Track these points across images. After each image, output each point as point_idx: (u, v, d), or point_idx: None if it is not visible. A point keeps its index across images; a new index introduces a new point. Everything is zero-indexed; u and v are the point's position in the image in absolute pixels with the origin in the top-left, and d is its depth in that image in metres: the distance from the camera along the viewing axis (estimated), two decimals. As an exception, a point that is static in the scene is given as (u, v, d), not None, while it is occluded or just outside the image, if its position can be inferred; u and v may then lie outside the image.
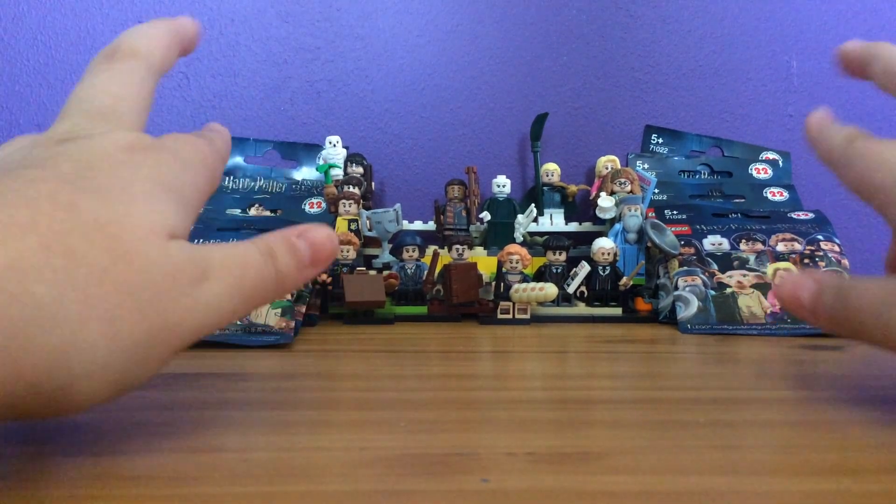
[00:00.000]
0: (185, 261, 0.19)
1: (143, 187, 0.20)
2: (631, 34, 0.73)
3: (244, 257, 0.21)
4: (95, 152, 0.20)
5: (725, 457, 0.20)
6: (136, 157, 0.21)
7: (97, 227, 0.18)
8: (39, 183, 0.18)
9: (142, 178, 0.20)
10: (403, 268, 0.56)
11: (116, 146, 0.21)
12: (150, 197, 0.20)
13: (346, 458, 0.20)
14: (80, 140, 0.21)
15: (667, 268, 0.56)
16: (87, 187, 0.18)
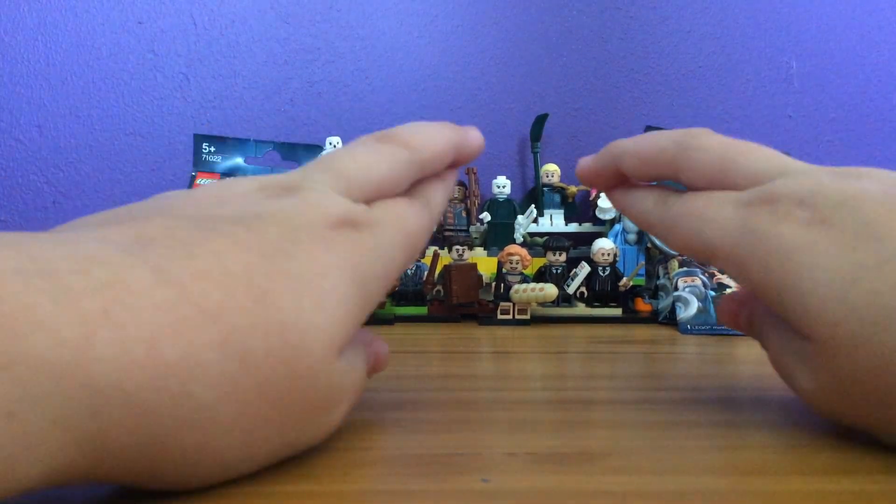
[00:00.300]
0: (340, 382, 0.19)
1: (337, 282, 0.18)
2: (631, 35, 0.73)
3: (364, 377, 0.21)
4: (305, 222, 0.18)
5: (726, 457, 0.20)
6: (342, 238, 0.19)
7: (280, 331, 0.16)
8: (241, 250, 0.17)
9: (339, 269, 0.18)
10: (403, 268, 0.56)
11: (327, 218, 0.19)
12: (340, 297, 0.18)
13: (345, 458, 0.20)
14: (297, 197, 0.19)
15: (666, 268, 0.56)
16: (284, 271, 0.17)
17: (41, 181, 0.70)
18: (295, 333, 0.17)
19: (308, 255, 0.18)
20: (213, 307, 0.15)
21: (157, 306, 0.15)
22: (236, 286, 0.16)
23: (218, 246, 0.16)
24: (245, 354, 0.16)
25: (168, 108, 0.71)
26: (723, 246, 0.22)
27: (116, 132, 0.71)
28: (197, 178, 0.67)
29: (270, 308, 0.16)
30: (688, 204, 0.24)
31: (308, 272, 0.18)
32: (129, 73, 0.71)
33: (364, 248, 0.20)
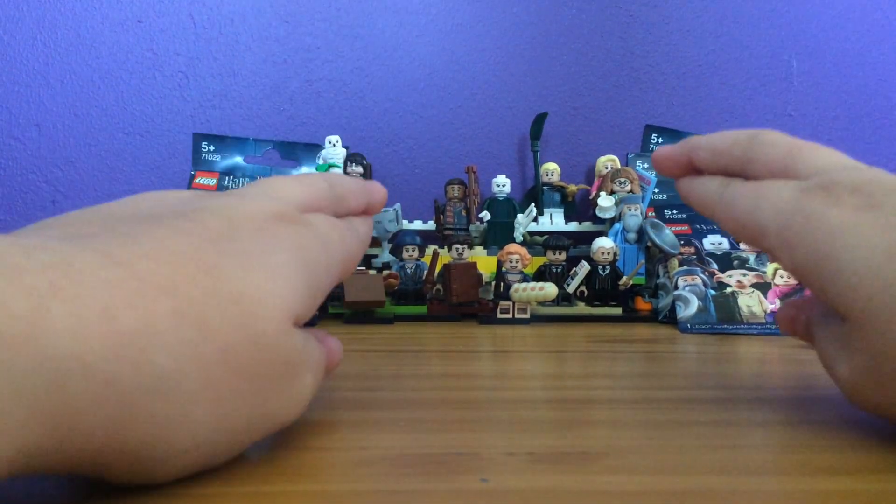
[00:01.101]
0: (298, 354, 0.19)
1: (282, 259, 0.19)
2: (631, 34, 0.73)
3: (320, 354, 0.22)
4: (243, 214, 0.19)
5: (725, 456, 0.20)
6: (281, 228, 0.20)
7: (233, 300, 0.17)
8: (185, 236, 0.17)
9: (282, 250, 0.19)
10: (403, 267, 0.56)
11: (264, 212, 0.20)
12: (288, 273, 0.19)
13: (345, 458, 0.20)
14: (233, 198, 0.20)
15: (667, 267, 0.56)
16: (229, 250, 0.18)
17: (40, 180, 0.70)
18: (249, 301, 0.17)
19: (251, 238, 0.19)
20: (164, 282, 0.16)
21: (107, 282, 0.15)
22: (184, 263, 0.16)
23: (161, 233, 0.17)
24: (202, 322, 0.16)
25: (167, 107, 0.71)
26: (775, 225, 0.23)
27: (115, 131, 0.71)
28: (196, 176, 0.67)
29: (221, 279, 0.17)
30: (748, 186, 0.25)
31: (253, 250, 0.18)
32: (129, 72, 0.71)
33: (305, 237, 0.21)
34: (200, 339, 0.16)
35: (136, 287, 0.15)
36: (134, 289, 0.15)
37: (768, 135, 0.26)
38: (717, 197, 0.26)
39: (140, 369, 0.15)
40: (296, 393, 0.20)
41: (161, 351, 0.15)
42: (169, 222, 0.18)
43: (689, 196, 0.29)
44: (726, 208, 0.26)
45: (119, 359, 0.14)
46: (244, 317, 0.17)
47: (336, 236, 0.23)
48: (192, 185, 0.67)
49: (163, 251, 0.16)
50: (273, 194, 0.22)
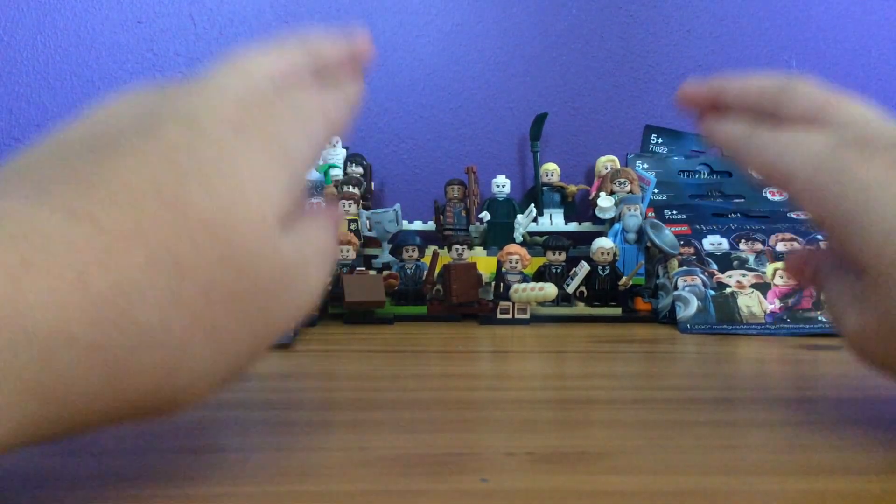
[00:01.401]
0: (293, 256, 0.18)
1: (251, 162, 0.18)
2: (630, 34, 0.73)
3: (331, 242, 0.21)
4: (208, 113, 0.18)
5: (725, 456, 0.20)
6: (250, 116, 0.18)
7: (204, 227, 0.16)
8: (140, 163, 0.16)
9: (253, 149, 0.18)
10: (403, 268, 0.56)
11: (229, 100, 0.18)
12: (262, 173, 0.18)
13: (345, 458, 0.20)
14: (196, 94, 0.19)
15: (666, 268, 0.56)
16: (191, 170, 0.16)
17: (40, 181, 0.70)
18: (220, 227, 0.16)
19: (212, 143, 0.17)
20: (130, 230, 0.15)
21: (75, 244, 0.14)
22: (146, 202, 0.16)
23: (117, 165, 0.16)
24: (178, 265, 0.15)
25: (167, 108, 0.71)
26: (804, 172, 0.23)
27: (116, 132, 0.71)
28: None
29: (187, 212, 0.16)
30: (780, 131, 0.25)
31: (214, 160, 0.17)
32: (129, 73, 0.71)
33: (279, 121, 0.19)
34: (178, 282, 0.15)
35: (104, 243, 0.15)
36: (102, 246, 0.15)
37: (802, 84, 0.25)
38: (744, 140, 0.26)
39: (124, 330, 0.15)
40: (302, 296, 0.19)
41: (141, 307, 0.15)
42: (125, 144, 0.16)
43: (714, 137, 0.28)
44: (754, 152, 0.25)
45: (101, 323, 0.14)
46: (219, 243, 0.16)
47: (316, 108, 0.21)
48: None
49: (122, 192, 0.15)
50: (242, 73, 0.20)
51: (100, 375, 0.14)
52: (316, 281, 0.20)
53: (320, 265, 0.20)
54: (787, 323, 0.50)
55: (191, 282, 0.16)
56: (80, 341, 0.14)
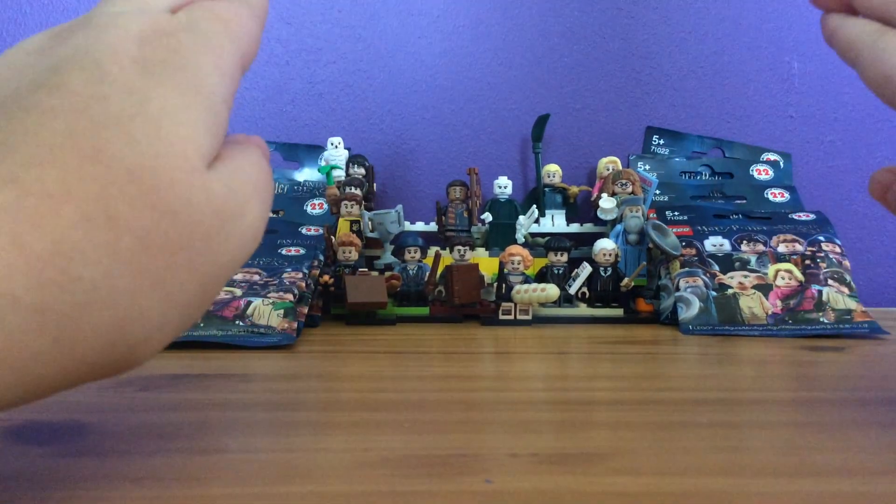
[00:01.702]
0: (225, 193, 0.18)
1: (164, 101, 0.17)
2: (632, 35, 0.73)
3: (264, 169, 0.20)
4: (106, 54, 0.17)
5: (727, 458, 0.20)
6: (152, 53, 0.18)
7: (131, 178, 0.16)
8: (53, 118, 0.16)
9: (164, 87, 0.17)
10: (405, 269, 0.56)
11: (128, 39, 0.18)
12: (177, 112, 0.17)
13: (349, 459, 0.20)
14: (91, 33, 0.18)
15: (668, 269, 0.56)
16: (103, 118, 0.16)
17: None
18: (146, 174, 0.16)
19: (122, 87, 0.17)
20: (57, 190, 0.15)
21: (5, 210, 0.14)
22: (67, 158, 0.15)
23: (29, 124, 0.16)
24: (111, 219, 0.15)
25: (170, 109, 0.71)
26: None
27: (118, 133, 0.71)
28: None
29: (110, 164, 0.16)
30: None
31: (131, 108, 0.17)
32: (131, 74, 0.71)
33: (184, 50, 0.18)
34: (115, 237, 0.15)
35: (34, 205, 0.14)
36: (32, 206, 0.14)
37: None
38: (870, 42, 0.25)
39: (67, 288, 0.15)
40: (241, 231, 0.19)
41: (81, 264, 0.15)
42: (32, 101, 0.16)
43: (836, 33, 0.27)
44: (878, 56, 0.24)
45: (43, 284, 0.14)
46: (148, 193, 0.16)
47: (219, 28, 0.20)
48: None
49: (41, 150, 0.15)
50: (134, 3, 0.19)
51: (49, 337, 0.15)
52: (254, 215, 0.19)
53: (257, 198, 0.19)
54: (788, 324, 0.50)
55: (127, 233, 0.15)
56: (24, 303, 0.14)
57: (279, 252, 0.55)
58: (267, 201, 0.20)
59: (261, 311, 0.45)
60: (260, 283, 0.49)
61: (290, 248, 0.56)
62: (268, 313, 0.45)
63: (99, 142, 0.16)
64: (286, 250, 0.56)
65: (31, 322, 0.14)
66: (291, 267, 0.52)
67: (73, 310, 0.15)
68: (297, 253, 0.55)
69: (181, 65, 0.18)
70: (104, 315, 0.15)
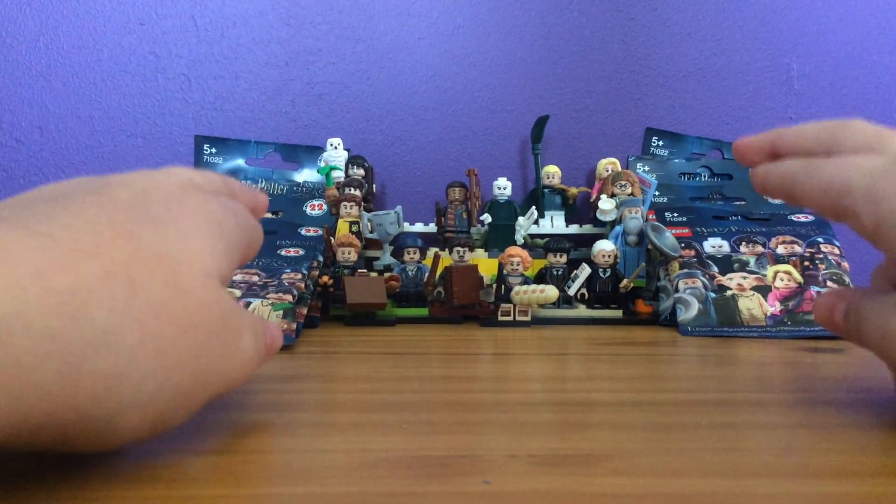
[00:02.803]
0: (232, 311, 0.20)
1: (196, 223, 0.20)
2: (631, 37, 0.73)
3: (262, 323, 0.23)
4: (151, 184, 0.20)
5: (726, 459, 0.20)
6: (190, 196, 0.21)
7: (157, 259, 0.18)
8: (98, 208, 0.18)
9: (194, 215, 0.20)
10: (404, 270, 0.56)
11: (171, 181, 0.21)
12: (204, 234, 0.20)
13: (347, 460, 0.20)
14: (138, 174, 0.21)
15: (667, 270, 0.56)
16: (143, 217, 0.19)
17: (42, 182, 0.70)
18: (171, 261, 0.18)
19: (163, 207, 0.20)
20: (88, 247, 0.16)
21: (33, 249, 0.15)
22: (102, 231, 0.17)
23: (75, 207, 0.18)
24: (131, 281, 0.17)
25: (169, 110, 0.71)
26: (862, 182, 0.24)
27: (118, 133, 0.71)
28: (198, 179, 0.67)
29: (141, 243, 0.18)
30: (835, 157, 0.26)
31: (168, 219, 0.19)
32: (131, 75, 0.71)
33: (213, 204, 0.22)
34: (132, 295, 0.17)
35: (63, 253, 0.16)
36: (61, 254, 0.16)
37: (855, 122, 0.27)
38: (801, 168, 0.27)
39: (79, 324, 0.15)
40: (238, 352, 0.20)
41: (97, 307, 0.16)
42: (82, 198, 0.18)
43: (768, 177, 0.29)
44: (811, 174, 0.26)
45: (58, 315, 0.15)
46: (169, 274, 0.18)
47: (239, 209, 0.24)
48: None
49: (80, 221, 0.17)
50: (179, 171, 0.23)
51: (55, 367, 0.15)
52: (248, 351, 0.21)
53: (254, 341, 0.21)
54: (787, 325, 0.50)
55: (143, 299, 0.17)
56: (38, 329, 0.15)
57: (278, 253, 0.55)
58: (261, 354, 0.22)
59: (260, 312, 0.45)
60: (259, 283, 0.49)
61: (290, 248, 0.56)
62: (267, 314, 0.45)
63: (134, 227, 0.18)
64: (285, 251, 0.56)
65: (40, 348, 0.15)
66: (290, 268, 0.52)
67: (80, 347, 0.15)
68: (297, 254, 0.55)
69: (210, 212, 0.21)
70: (106, 360, 0.16)
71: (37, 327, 0.15)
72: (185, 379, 0.18)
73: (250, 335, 0.21)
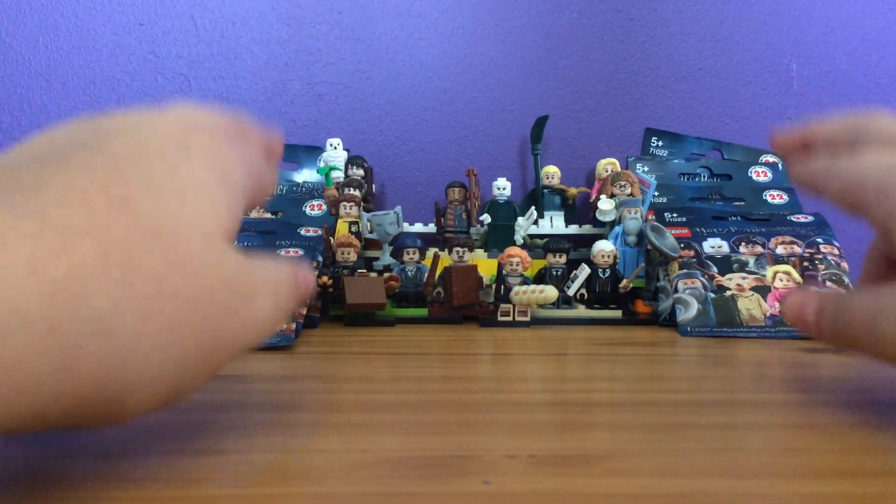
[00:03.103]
0: (237, 276, 0.19)
1: (198, 178, 0.19)
2: (631, 37, 0.73)
3: (283, 273, 0.22)
4: (152, 131, 0.19)
5: (725, 460, 0.20)
6: (193, 142, 0.20)
7: (153, 231, 0.17)
8: (89, 171, 0.17)
9: (197, 167, 0.19)
10: (404, 270, 0.56)
11: (174, 126, 0.20)
12: (205, 192, 0.19)
13: (347, 461, 0.20)
14: (141, 116, 0.20)
15: (667, 270, 0.56)
16: (138, 179, 0.17)
17: (42, 182, 0.70)
18: (168, 233, 0.17)
19: (162, 161, 0.18)
20: (81, 226, 0.16)
21: (26, 235, 0.15)
22: (95, 203, 0.16)
23: (68, 174, 0.17)
24: (128, 261, 0.16)
25: (169, 110, 0.71)
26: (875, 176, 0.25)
27: (117, 133, 0.71)
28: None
29: (139, 215, 0.17)
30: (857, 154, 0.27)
31: (166, 178, 0.18)
32: (130, 75, 0.71)
33: (218, 142, 0.21)
34: (130, 276, 0.16)
35: (55, 235, 0.15)
36: (53, 237, 0.15)
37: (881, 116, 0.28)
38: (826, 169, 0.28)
39: (77, 313, 0.15)
40: (248, 317, 0.19)
41: (94, 293, 0.15)
42: (75, 158, 0.17)
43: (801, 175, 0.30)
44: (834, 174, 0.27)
45: (55, 305, 0.15)
46: (168, 248, 0.17)
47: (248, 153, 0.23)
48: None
49: (72, 193, 0.16)
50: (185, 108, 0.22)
51: (55, 358, 0.15)
52: (264, 309, 0.20)
53: (271, 298, 0.20)
54: (786, 326, 0.50)
55: (142, 277, 0.16)
56: (35, 322, 0.14)
57: (278, 253, 0.55)
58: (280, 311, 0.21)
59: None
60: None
61: (289, 249, 0.56)
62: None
63: (129, 194, 0.17)
64: (285, 251, 0.56)
65: (39, 342, 0.14)
66: (290, 268, 0.52)
67: (79, 336, 0.15)
68: (296, 254, 0.55)
69: (216, 154, 0.20)
70: (107, 346, 0.16)
71: (35, 321, 0.14)
72: (191, 351, 0.18)
73: (266, 292, 0.20)
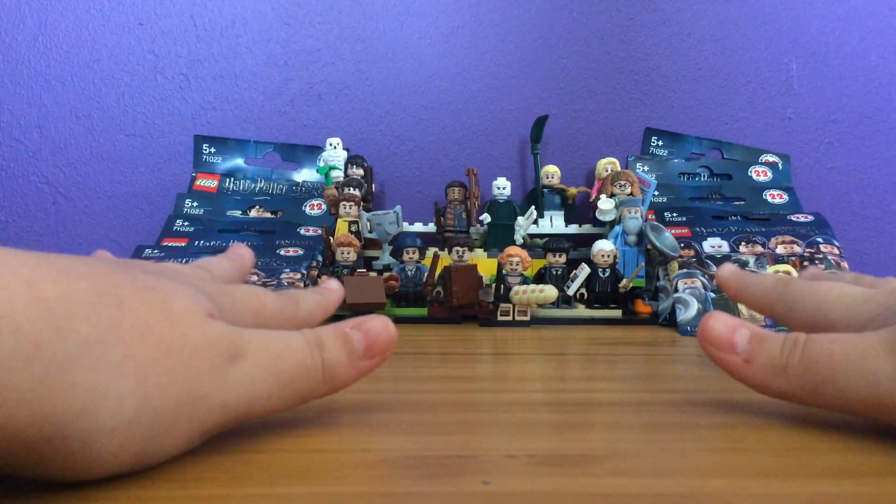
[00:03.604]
0: (221, 336, 0.19)
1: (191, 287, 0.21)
2: (631, 37, 0.73)
3: (285, 342, 0.21)
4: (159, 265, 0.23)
5: (725, 459, 0.20)
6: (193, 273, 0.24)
7: (147, 289, 0.18)
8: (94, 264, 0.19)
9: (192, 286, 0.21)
10: (404, 269, 0.56)
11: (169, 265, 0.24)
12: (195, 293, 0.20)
13: (346, 460, 0.20)
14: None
15: (666, 270, 0.56)
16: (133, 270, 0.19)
17: (41, 182, 0.70)
18: (161, 292, 0.19)
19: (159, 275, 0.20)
20: (80, 271, 0.17)
21: (26, 262, 0.16)
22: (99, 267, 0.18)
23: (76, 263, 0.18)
24: (120, 302, 0.17)
25: (168, 109, 0.71)
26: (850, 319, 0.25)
27: (117, 133, 0.71)
28: (197, 178, 0.68)
29: (137, 279, 0.19)
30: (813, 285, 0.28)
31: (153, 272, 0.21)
32: (130, 75, 0.71)
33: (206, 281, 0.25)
34: (119, 314, 0.17)
35: (56, 269, 0.16)
36: (54, 270, 0.16)
37: None
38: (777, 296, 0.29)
39: (64, 335, 0.16)
40: (229, 380, 0.19)
41: (83, 320, 0.16)
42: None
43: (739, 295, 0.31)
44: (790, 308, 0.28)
45: (45, 322, 0.15)
46: (158, 301, 0.18)
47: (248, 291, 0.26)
48: (193, 186, 0.67)
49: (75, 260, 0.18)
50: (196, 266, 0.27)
51: (36, 373, 0.15)
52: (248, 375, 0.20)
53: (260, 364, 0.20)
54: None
55: (130, 321, 0.17)
56: (25, 334, 0.15)
57: (277, 253, 0.55)
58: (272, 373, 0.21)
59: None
60: (258, 283, 0.49)
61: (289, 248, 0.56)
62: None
63: (127, 268, 0.19)
64: (284, 251, 0.56)
65: (24, 352, 0.15)
66: (290, 267, 0.52)
67: (63, 357, 0.16)
68: (296, 253, 0.55)
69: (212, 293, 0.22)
70: (88, 375, 0.16)
71: (23, 331, 0.15)
72: (166, 403, 0.18)
73: (255, 357, 0.20)
